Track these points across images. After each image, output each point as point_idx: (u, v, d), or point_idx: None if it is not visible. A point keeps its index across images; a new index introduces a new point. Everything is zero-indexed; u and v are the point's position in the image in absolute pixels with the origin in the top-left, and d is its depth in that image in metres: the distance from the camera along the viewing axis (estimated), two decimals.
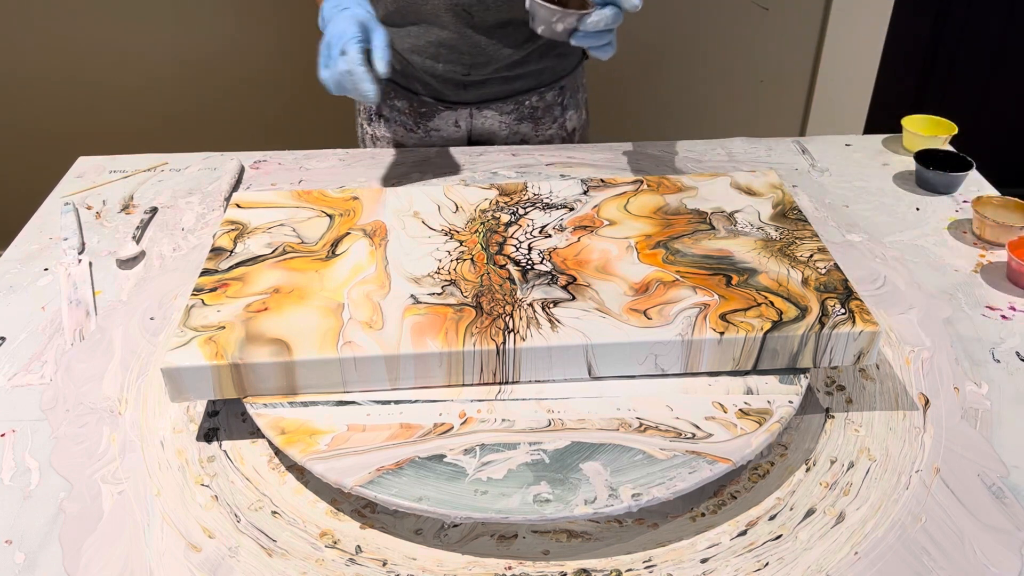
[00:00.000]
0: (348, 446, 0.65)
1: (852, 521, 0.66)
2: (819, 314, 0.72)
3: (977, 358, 0.81)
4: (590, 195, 0.91)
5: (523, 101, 1.21)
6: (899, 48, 2.05)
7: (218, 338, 0.70)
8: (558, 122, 1.25)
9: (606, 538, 0.65)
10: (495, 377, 0.71)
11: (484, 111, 1.21)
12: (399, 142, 1.24)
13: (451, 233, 0.85)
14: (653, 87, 2.02)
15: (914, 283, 0.92)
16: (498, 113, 1.21)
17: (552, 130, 1.25)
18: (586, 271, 0.78)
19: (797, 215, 0.87)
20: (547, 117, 1.23)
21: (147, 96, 1.94)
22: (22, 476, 0.70)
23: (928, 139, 1.15)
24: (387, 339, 0.70)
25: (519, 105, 1.21)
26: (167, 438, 0.73)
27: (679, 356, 0.71)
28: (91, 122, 1.96)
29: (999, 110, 2.20)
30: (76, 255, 0.97)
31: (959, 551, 0.63)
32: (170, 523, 0.66)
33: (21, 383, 0.79)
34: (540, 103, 1.22)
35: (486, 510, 0.61)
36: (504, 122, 1.22)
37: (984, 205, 1.00)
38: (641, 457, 0.64)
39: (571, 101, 1.25)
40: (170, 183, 1.13)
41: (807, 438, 0.73)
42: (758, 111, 2.07)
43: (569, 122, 1.26)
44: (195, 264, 0.96)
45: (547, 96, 1.22)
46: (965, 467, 0.70)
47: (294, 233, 0.85)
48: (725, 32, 1.95)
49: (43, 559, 0.63)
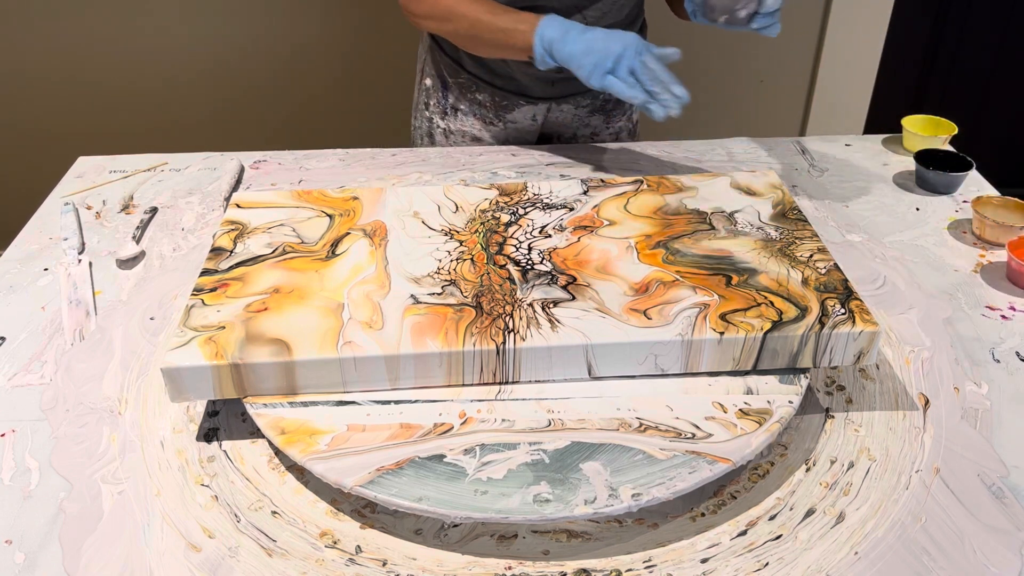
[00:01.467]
0: (348, 446, 0.65)
1: (852, 521, 0.66)
2: (819, 314, 0.72)
3: (977, 358, 0.81)
4: (590, 195, 0.91)
5: (598, 95, 1.22)
6: (899, 48, 2.05)
7: (218, 338, 0.70)
8: (627, 114, 1.27)
9: (606, 538, 0.65)
10: (495, 377, 0.71)
11: (562, 105, 1.22)
12: (476, 136, 1.24)
13: (451, 233, 0.85)
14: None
15: (914, 283, 0.92)
16: (574, 107, 1.22)
17: (621, 122, 1.27)
18: (586, 271, 0.78)
19: (797, 215, 0.87)
20: (618, 110, 1.25)
21: (147, 96, 1.94)
22: (22, 476, 0.70)
23: (928, 139, 1.15)
24: (387, 339, 0.70)
25: (595, 98, 1.22)
26: (167, 438, 0.73)
27: (679, 356, 0.71)
28: (91, 122, 1.96)
29: (999, 110, 2.20)
30: (76, 255, 0.97)
31: (959, 551, 0.63)
32: (170, 523, 0.66)
33: (21, 383, 0.79)
34: (612, 97, 1.22)
35: (486, 510, 0.61)
36: (578, 115, 1.24)
37: (984, 205, 1.00)
38: (641, 457, 0.64)
39: None
40: (170, 183, 1.13)
41: (807, 438, 0.73)
42: (758, 111, 2.07)
43: (636, 113, 1.28)
44: (195, 264, 0.96)
45: None
46: (965, 467, 0.70)
47: (294, 233, 0.85)
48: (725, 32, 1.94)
49: (43, 559, 0.63)
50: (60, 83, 1.91)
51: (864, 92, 2.01)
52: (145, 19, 1.84)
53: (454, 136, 1.25)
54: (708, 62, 1.99)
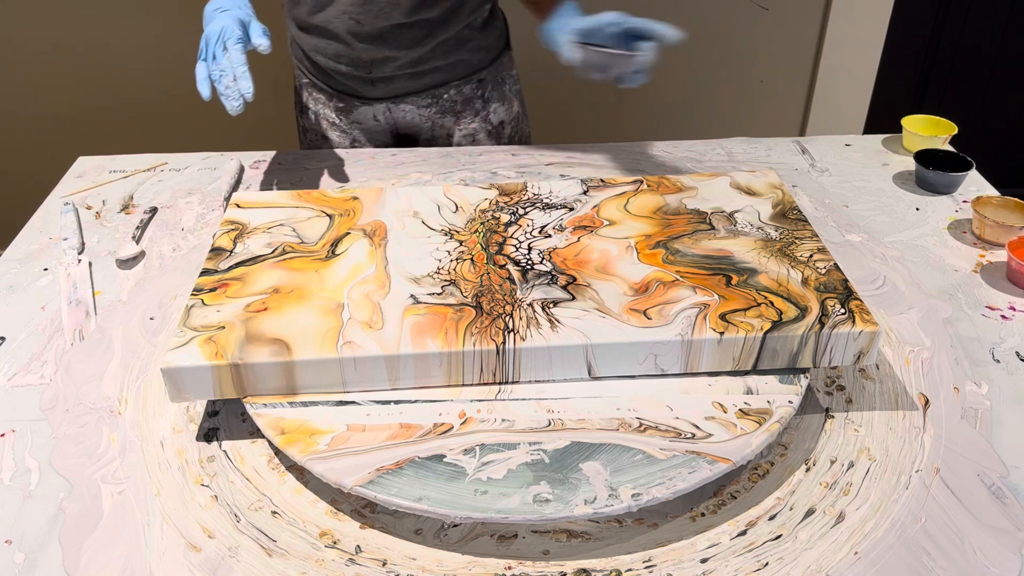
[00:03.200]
0: (348, 446, 0.65)
1: (852, 521, 0.66)
2: (819, 314, 0.72)
3: (977, 358, 0.81)
4: (590, 195, 0.91)
5: (440, 95, 1.20)
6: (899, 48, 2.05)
7: (218, 338, 0.70)
8: (480, 115, 1.23)
9: (606, 538, 0.65)
10: (495, 377, 0.71)
11: (401, 105, 1.20)
12: (325, 134, 1.24)
13: (451, 233, 0.85)
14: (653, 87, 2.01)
15: (914, 283, 0.92)
16: (415, 107, 1.21)
17: (475, 123, 1.24)
18: (586, 271, 0.78)
19: (797, 215, 0.87)
20: (468, 110, 1.22)
21: (147, 96, 1.94)
22: (22, 476, 0.70)
23: (928, 139, 1.15)
24: (387, 339, 0.70)
25: (436, 99, 1.20)
26: (167, 438, 0.73)
27: (679, 356, 0.71)
28: (91, 122, 1.96)
29: (999, 110, 2.20)
30: (76, 255, 0.97)
31: (959, 551, 0.63)
32: (170, 523, 0.66)
33: (21, 383, 0.79)
34: (458, 96, 1.21)
35: (486, 510, 0.61)
36: (424, 115, 1.22)
37: (984, 205, 1.00)
38: (641, 457, 0.64)
39: (494, 94, 1.23)
40: (170, 183, 1.13)
41: (807, 438, 0.73)
42: (758, 111, 2.07)
43: (494, 115, 1.24)
44: (195, 264, 0.96)
45: (464, 89, 1.21)
46: (965, 467, 0.70)
47: (294, 233, 0.85)
48: (725, 32, 1.95)
49: (43, 559, 0.63)
50: (60, 82, 1.91)
51: (864, 92, 2.01)
52: (146, 19, 1.84)
53: (310, 133, 1.26)
54: (708, 62, 1.99)
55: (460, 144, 1.25)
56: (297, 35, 1.17)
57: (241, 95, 0.90)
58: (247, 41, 0.93)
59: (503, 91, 1.25)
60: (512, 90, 1.27)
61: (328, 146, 1.24)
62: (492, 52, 1.22)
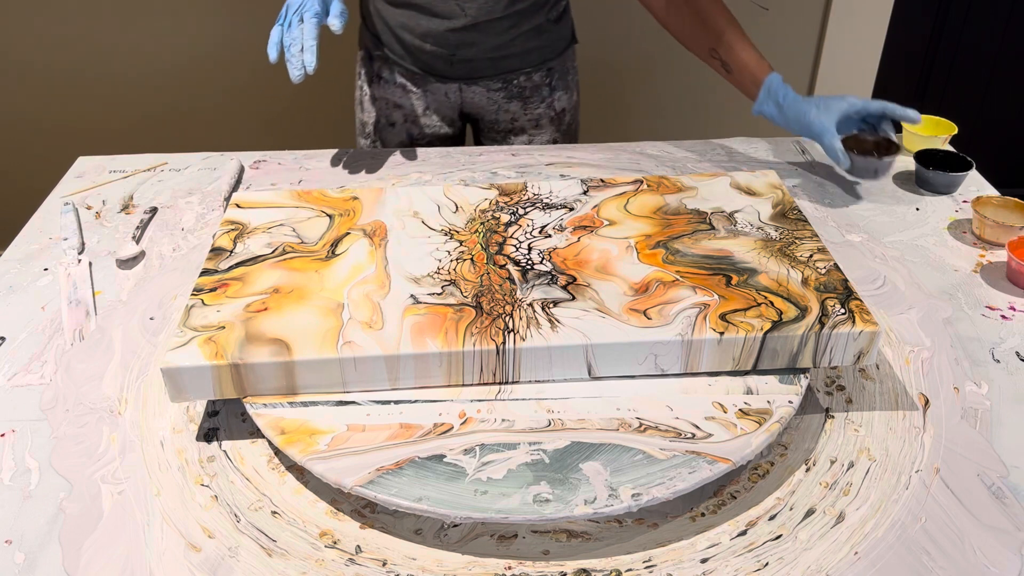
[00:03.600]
0: (348, 446, 0.65)
1: (852, 521, 0.66)
2: (819, 314, 0.72)
3: (977, 358, 0.81)
4: (590, 195, 0.91)
5: (511, 80, 1.24)
6: (899, 48, 2.05)
7: (218, 338, 0.70)
8: (546, 102, 1.28)
9: (606, 538, 0.65)
10: (495, 377, 0.71)
11: (473, 87, 1.24)
12: (398, 103, 1.27)
13: (451, 233, 0.85)
14: (653, 87, 2.02)
15: (914, 283, 0.92)
16: (486, 90, 1.25)
17: (540, 109, 1.28)
18: (586, 271, 0.78)
19: (797, 215, 0.87)
20: (535, 97, 1.27)
21: (147, 96, 1.94)
22: (22, 476, 0.70)
23: (928, 139, 1.15)
24: (387, 339, 0.70)
25: (507, 84, 1.24)
26: (167, 438, 0.73)
27: (679, 356, 0.71)
28: (91, 122, 1.96)
29: (999, 110, 2.20)
30: (76, 255, 0.97)
31: (959, 551, 0.63)
32: (170, 523, 0.66)
33: (21, 383, 0.79)
34: (528, 83, 1.25)
35: (486, 510, 0.61)
36: (493, 99, 1.26)
37: (984, 205, 1.00)
38: (641, 457, 0.64)
39: (559, 83, 1.28)
40: (170, 183, 1.13)
41: (807, 438, 0.73)
42: None
43: (558, 102, 1.29)
44: (195, 264, 0.96)
45: (535, 77, 1.25)
46: (965, 467, 0.70)
47: (294, 233, 0.85)
48: None
49: (43, 559, 0.63)
50: (60, 82, 1.91)
51: (864, 92, 2.01)
52: (146, 18, 1.84)
53: (379, 103, 1.28)
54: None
55: (524, 128, 1.29)
56: (383, 9, 1.19)
57: (304, 66, 0.95)
58: (323, 16, 0.97)
59: (567, 81, 1.30)
60: (574, 80, 1.32)
61: (398, 116, 1.28)
62: (562, 44, 1.27)
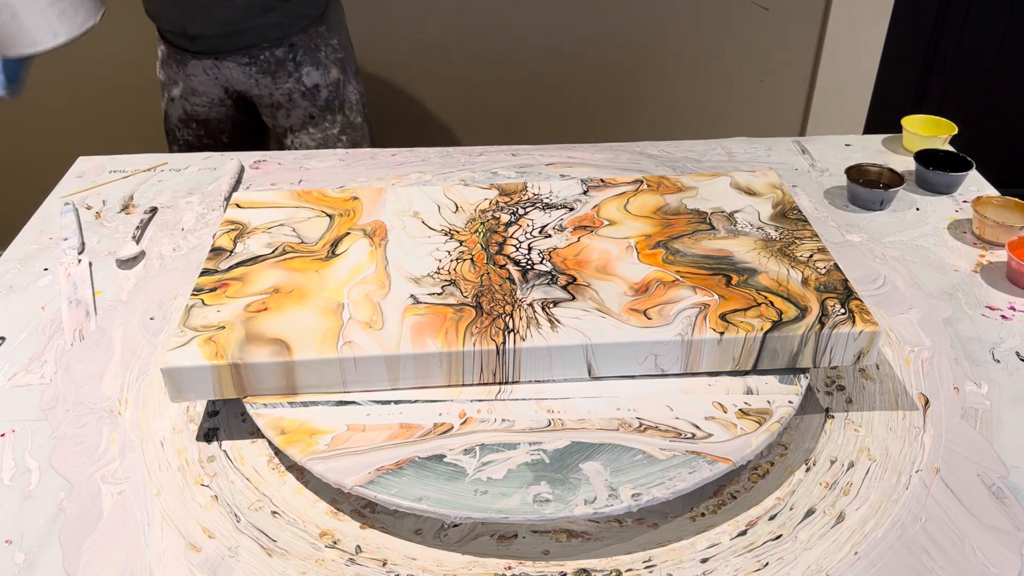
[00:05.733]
0: (348, 446, 0.65)
1: (852, 521, 0.66)
2: (819, 314, 0.72)
3: (977, 358, 0.81)
4: (590, 195, 0.91)
5: (256, 56, 1.27)
6: (899, 48, 2.05)
7: (218, 338, 0.70)
8: (293, 77, 1.29)
9: (606, 538, 0.65)
10: (495, 377, 0.71)
11: (225, 62, 1.27)
12: (174, 79, 1.32)
13: (451, 233, 0.85)
14: (653, 87, 2.02)
15: (914, 283, 0.92)
16: (237, 64, 1.27)
17: (289, 84, 1.30)
18: (586, 271, 0.78)
19: (797, 215, 0.87)
20: (281, 72, 1.29)
21: (147, 96, 1.94)
22: (22, 476, 0.70)
23: (928, 139, 1.15)
24: (387, 339, 0.70)
25: (254, 59, 1.27)
26: (167, 438, 0.73)
27: (679, 356, 0.71)
28: (91, 122, 1.96)
29: (999, 110, 2.20)
30: (76, 255, 0.97)
31: (959, 551, 0.63)
32: (170, 523, 0.66)
33: (21, 383, 0.79)
34: (272, 58, 1.27)
35: (486, 510, 0.61)
36: (248, 73, 1.29)
37: (984, 205, 1.00)
38: (641, 457, 0.64)
39: (306, 58, 1.29)
40: (170, 183, 1.13)
41: (807, 438, 0.73)
42: (758, 111, 2.07)
43: (307, 78, 1.30)
44: (195, 264, 0.96)
45: (277, 52, 1.27)
46: (965, 467, 0.70)
47: (294, 233, 0.85)
48: (725, 32, 1.95)
49: (43, 559, 0.63)
50: (60, 83, 1.90)
51: (864, 92, 2.01)
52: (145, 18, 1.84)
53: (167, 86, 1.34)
54: (708, 62, 1.99)
55: (281, 103, 1.31)
56: None
57: None
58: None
59: (318, 57, 1.30)
60: (331, 57, 1.32)
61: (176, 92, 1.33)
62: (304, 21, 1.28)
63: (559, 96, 2.01)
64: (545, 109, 2.03)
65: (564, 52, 1.94)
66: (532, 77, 1.97)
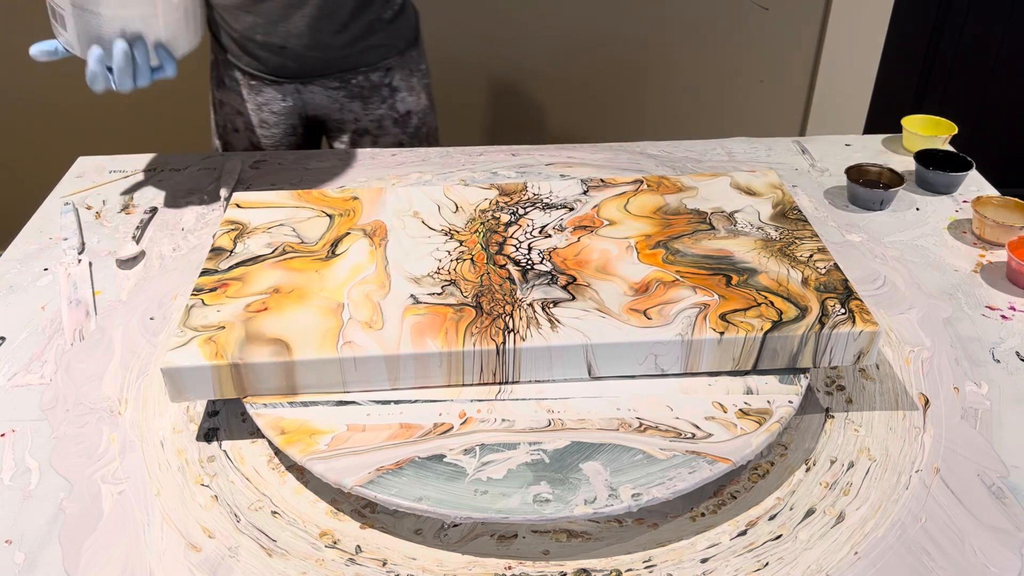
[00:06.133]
0: (348, 446, 0.65)
1: (852, 521, 0.66)
2: (819, 314, 0.72)
3: (977, 358, 0.81)
4: (590, 195, 0.91)
5: (349, 80, 1.24)
6: (899, 48, 2.05)
7: (218, 338, 0.70)
8: (387, 103, 1.27)
9: (606, 538, 0.65)
10: (495, 377, 0.71)
11: (310, 86, 1.24)
12: (239, 109, 1.27)
13: (451, 233, 0.85)
14: (654, 87, 2.02)
15: (914, 283, 0.92)
16: (324, 89, 1.25)
17: (382, 110, 1.27)
18: (586, 271, 0.78)
19: (797, 215, 0.87)
20: (375, 97, 1.26)
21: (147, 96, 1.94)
22: (22, 476, 0.70)
23: (928, 139, 1.15)
24: (387, 339, 0.70)
25: (345, 84, 1.24)
26: (167, 438, 0.73)
27: (679, 356, 0.71)
28: (91, 122, 1.96)
29: (999, 110, 2.20)
30: (76, 255, 0.97)
31: (959, 551, 0.63)
32: (170, 523, 0.66)
33: (21, 383, 0.79)
34: (367, 83, 1.25)
35: (486, 510, 0.61)
36: (333, 97, 1.26)
37: (984, 205, 1.00)
38: (641, 457, 0.64)
39: (402, 84, 1.27)
40: (170, 183, 1.13)
41: (807, 438, 0.73)
42: (758, 111, 2.07)
43: (401, 104, 1.28)
44: (195, 264, 0.96)
45: (372, 77, 1.25)
46: (965, 467, 0.70)
47: (294, 233, 0.85)
48: (725, 32, 1.95)
49: (43, 559, 0.63)
50: (60, 83, 1.91)
51: (864, 92, 2.01)
52: None
53: (225, 108, 1.29)
54: (708, 62, 1.99)
55: (367, 130, 1.28)
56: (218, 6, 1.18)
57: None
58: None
59: (412, 83, 1.29)
60: (421, 83, 1.31)
61: (240, 123, 1.28)
62: (401, 44, 1.26)
63: (559, 96, 2.01)
64: (545, 109, 2.03)
65: (564, 52, 1.94)
66: (532, 77, 1.98)
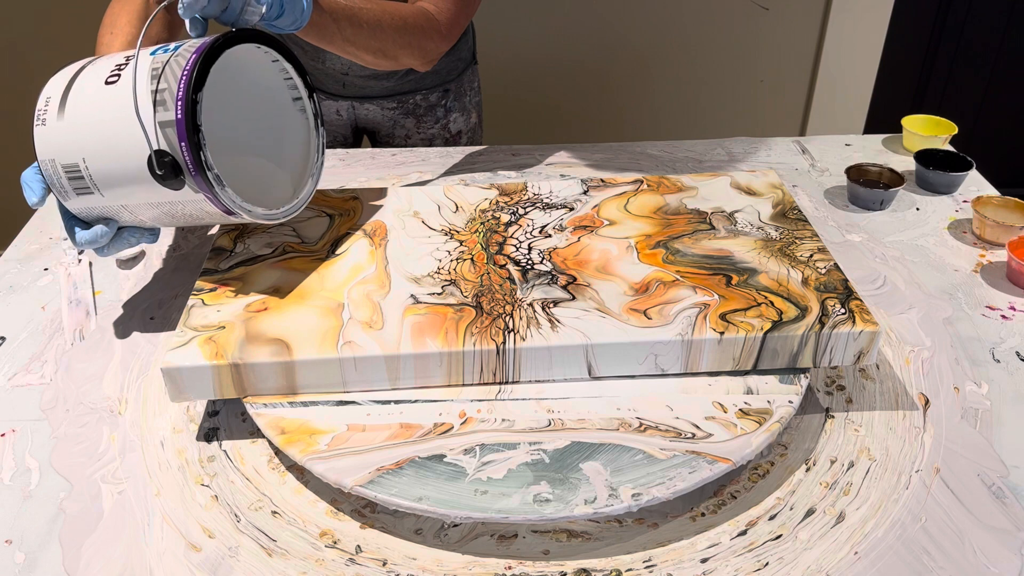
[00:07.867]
0: (348, 446, 0.65)
1: (852, 521, 0.66)
2: (819, 314, 0.72)
3: (977, 358, 0.81)
4: (590, 195, 0.91)
5: (406, 100, 1.25)
6: (899, 48, 2.05)
7: (218, 338, 0.70)
8: (440, 123, 1.28)
9: (606, 538, 0.65)
10: (495, 377, 0.71)
11: (366, 104, 1.25)
12: None
13: (451, 233, 0.85)
14: (653, 87, 2.02)
15: (914, 283, 0.92)
16: (380, 108, 1.26)
17: (434, 130, 1.29)
18: (586, 271, 0.78)
19: (797, 215, 0.87)
20: (429, 116, 1.27)
21: None
22: (22, 476, 0.70)
23: (928, 139, 1.15)
24: (387, 339, 0.70)
25: (400, 103, 1.25)
26: (167, 438, 0.73)
27: (679, 356, 0.71)
28: None
29: (999, 110, 2.20)
30: (76, 255, 0.97)
31: (959, 551, 0.63)
32: (170, 523, 0.66)
33: (21, 383, 0.79)
34: (424, 102, 1.26)
35: (486, 510, 0.61)
36: (388, 115, 1.27)
37: (984, 205, 1.00)
38: (641, 457, 0.64)
39: (456, 104, 1.28)
40: None
41: (807, 438, 0.73)
42: (758, 111, 2.07)
43: (453, 124, 1.30)
44: (195, 264, 0.96)
45: (431, 97, 1.26)
46: (965, 467, 0.70)
47: (294, 233, 0.85)
48: (725, 32, 1.95)
49: (43, 559, 0.63)
50: None
51: (864, 92, 2.01)
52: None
53: None
54: (708, 62, 1.99)
55: (416, 146, 1.29)
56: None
57: None
58: None
59: (464, 102, 1.30)
60: (473, 101, 1.32)
61: None
62: (461, 65, 1.27)
63: (559, 96, 2.01)
64: (545, 109, 2.03)
65: (564, 52, 1.94)
66: (531, 77, 1.98)
